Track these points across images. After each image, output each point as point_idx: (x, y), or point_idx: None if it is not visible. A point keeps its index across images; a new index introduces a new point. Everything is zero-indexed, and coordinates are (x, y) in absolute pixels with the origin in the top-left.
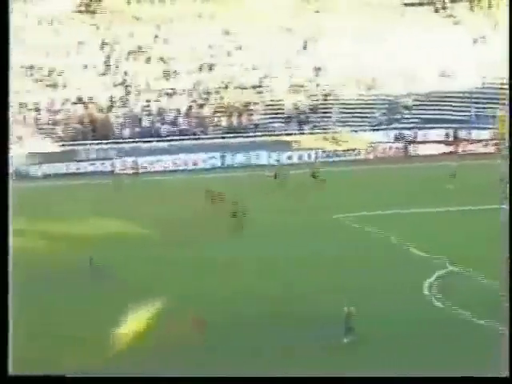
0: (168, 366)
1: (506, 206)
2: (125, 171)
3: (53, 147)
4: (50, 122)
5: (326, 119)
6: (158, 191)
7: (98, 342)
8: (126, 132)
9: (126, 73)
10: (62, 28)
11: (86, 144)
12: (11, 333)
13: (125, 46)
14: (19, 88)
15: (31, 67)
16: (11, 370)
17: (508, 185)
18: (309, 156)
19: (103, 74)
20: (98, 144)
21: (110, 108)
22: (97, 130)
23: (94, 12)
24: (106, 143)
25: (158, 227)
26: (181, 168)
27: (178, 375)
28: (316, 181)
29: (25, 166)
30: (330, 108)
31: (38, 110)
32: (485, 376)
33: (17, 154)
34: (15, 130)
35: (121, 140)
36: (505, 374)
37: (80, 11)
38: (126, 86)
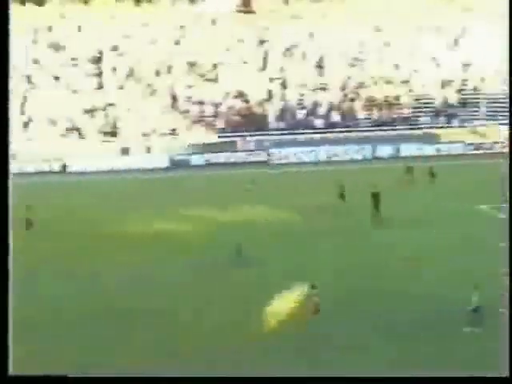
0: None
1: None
2: (280, 161)
3: (213, 138)
4: (211, 114)
5: (473, 113)
6: (308, 181)
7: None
8: (281, 124)
9: (281, 68)
10: (222, 27)
11: (243, 135)
12: (11, 332)
13: (281, 43)
14: (183, 83)
15: (194, 64)
16: (11, 369)
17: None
18: (455, 149)
19: (261, 70)
20: (254, 135)
21: (267, 101)
22: (254, 122)
23: (252, 12)
24: (262, 134)
25: (303, 215)
26: (333, 159)
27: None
28: (431, 178)
29: (185, 155)
30: (477, 102)
31: (201, 103)
32: (485, 376)
33: (177, 144)
34: (177, 121)
35: (276, 132)
36: (505, 374)
37: (239, 11)
38: (282, 81)
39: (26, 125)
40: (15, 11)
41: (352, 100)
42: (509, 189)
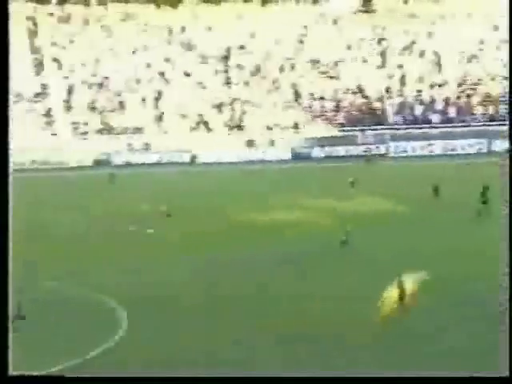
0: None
1: None
2: (398, 155)
3: (333, 132)
4: (331, 109)
5: None
6: (423, 173)
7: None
8: (399, 119)
9: (400, 66)
10: (344, 26)
11: (363, 129)
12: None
13: (400, 41)
14: (305, 79)
15: (316, 61)
16: (11, 370)
17: (508, 184)
18: None
19: (380, 67)
20: (373, 130)
21: (385, 97)
22: (373, 117)
23: (373, 11)
24: (381, 129)
25: (412, 206)
26: (448, 153)
27: None
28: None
29: (306, 148)
30: None
31: (322, 99)
32: (485, 376)
33: (299, 137)
34: (299, 116)
35: (394, 126)
36: (505, 374)
37: (360, 11)
38: (400, 78)
39: (159, 118)
40: (150, 14)
41: (468, 96)
42: (509, 188)
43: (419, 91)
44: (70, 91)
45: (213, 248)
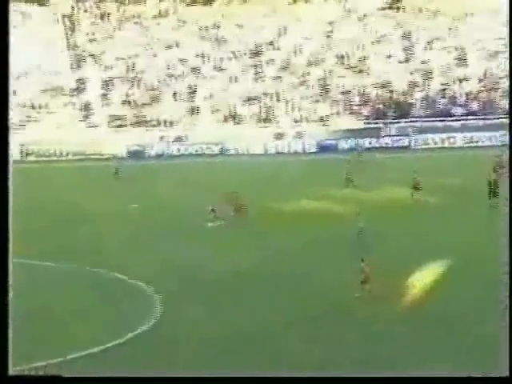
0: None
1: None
2: (421, 147)
3: (359, 125)
4: (358, 103)
5: None
6: (445, 164)
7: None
8: (423, 112)
9: (423, 61)
10: (370, 21)
11: (386, 122)
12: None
13: (423, 38)
14: (332, 74)
15: (343, 56)
16: (11, 370)
17: (508, 184)
18: None
19: (405, 62)
20: (397, 122)
21: (410, 91)
22: (397, 110)
23: (399, 8)
24: (405, 122)
25: (438, 196)
26: (471, 145)
27: None
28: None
29: (332, 140)
30: None
31: (348, 92)
32: (485, 376)
33: (325, 130)
34: (326, 109)
35: (418, 119)
36: (505, 374)
37: (385, 8)
38: (425, 72)
39: (193, 111)
40: (184, 11)
41: (490, 90)
42: (509, 187)
43: (443, 85)
44: (106, 86)
45: (243, 236)
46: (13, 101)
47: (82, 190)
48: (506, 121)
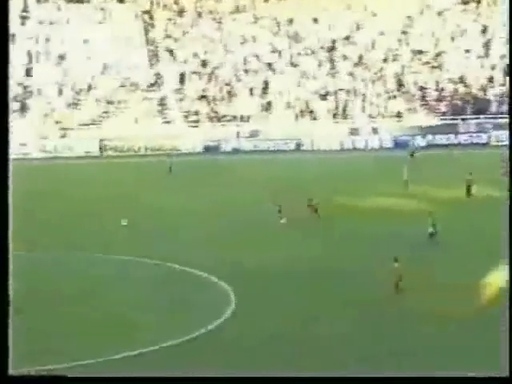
0: None
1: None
2: (499, 143)
3: (435, 121)
4: (434, 99)
5: None
6: None
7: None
8: (503, 108)
9: (503, 55)
10: (448, 17)
11: (464, 119)
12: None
13: (502, 32)
14: (408, 69)
15: (419, 52)
16: (11, 370)
17: (508, 184)
18: None
19: (483, 57)
20: (475, 118)
21: (488, 87)
22: (475, 106)
23: (475, 2)
24: (484, 118)
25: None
26: None
27: None
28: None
29: (408, 136)
30: None
31: (424, 88)
32: (485, 376)
33: (401, 126)
34: (402, 105)
35: (496, 115)
36: (505, 374)
37: (464, 2)
38: (504, 67)
39: (266, 107)
40: (259, 6)
41: None
42: (509, 185)
43: None
44: (182, 81)
45: (315, 233)
46: (92, 96)
47: (156, 185)
48: None
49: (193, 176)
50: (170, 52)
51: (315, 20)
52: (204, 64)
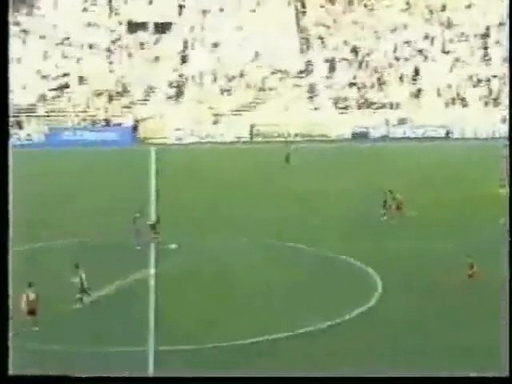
0: None
1: None
2: None
3: None
4: None
5: None
6: None
7: None
8: None
9: None
10: None
11: None
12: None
13: None
14: None
15: None
16: (11, 370)
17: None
18: None
19: None
20: None
21: None
22: None
23: None
24: None
25: None
26: None
27: None
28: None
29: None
30: None
31: None
32: (485, 376)
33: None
34: None
35: None
36: (505, 374)
37: None
38: None
39: (416, 94)
40: None
41: None
42: (509, 183)
43: None
44: (332, 68)
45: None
46: (243, 83)
47: (300, 171)
48: None
49: (341, 162)
50: (321, 39)
51: (468, 6)
52: (355, 51)
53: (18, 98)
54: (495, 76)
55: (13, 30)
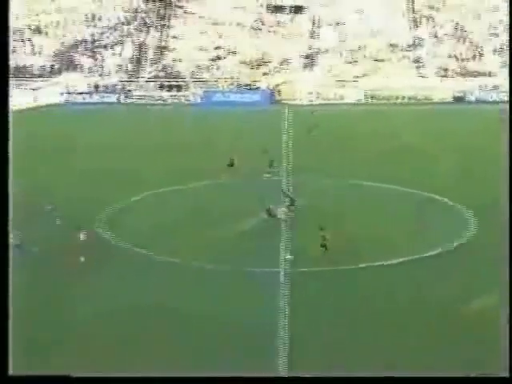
0: None
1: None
2: None
3: None
4: None
5: None
6: None
7: None
8: None
9: None
10: None
11: None
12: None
13: None
14: None
15: None
16: (11, 370)
17: (508, 181)
18: None
19: None
20: None
21: None
22: None
23: None
24: None
25: None
26: None
27: None
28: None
29: None
30: None
31: None
32: (485, 376)
33: None
34: None
35: None
36: (505, 374)
37: None
38: None
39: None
40: None
41: None
42: (509, 180)
43: None
44: (438, 43)
45: None
46: (361, 54)
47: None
48: None
49: (442, 123)
50: (428, 19)
51: None
52: (456, 28)
53: (179, 66)
54: None
55: (178, 11)
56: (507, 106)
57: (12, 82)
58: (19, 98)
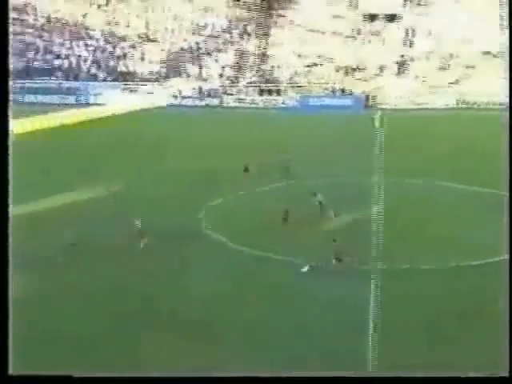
0: None
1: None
2: None
3: None
4: None
5: None
6: None
7: None
8: None
9: None
10: None
11: None
12: (11, 332)
13: None
14: None
15: None
16: (11, 369)
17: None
18: None
19: None
20: None
21: None
22: None
23: None
24: None
25: None
26: None
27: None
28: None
29: None
30: None
31: None
32: (485, 376)
33: None
34: None
35: None
36: (504, 373)
37: None
38: None
39: None
40: None
41: None
42: (509, 182)
43: None
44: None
45: None
46: (452, 61)
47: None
48: None
49: None
50: None
51: None
52: None
53: (276, 72)
54: None
55: (278, 20)
56: None
57: (121, 85)
58: (128, 99)
